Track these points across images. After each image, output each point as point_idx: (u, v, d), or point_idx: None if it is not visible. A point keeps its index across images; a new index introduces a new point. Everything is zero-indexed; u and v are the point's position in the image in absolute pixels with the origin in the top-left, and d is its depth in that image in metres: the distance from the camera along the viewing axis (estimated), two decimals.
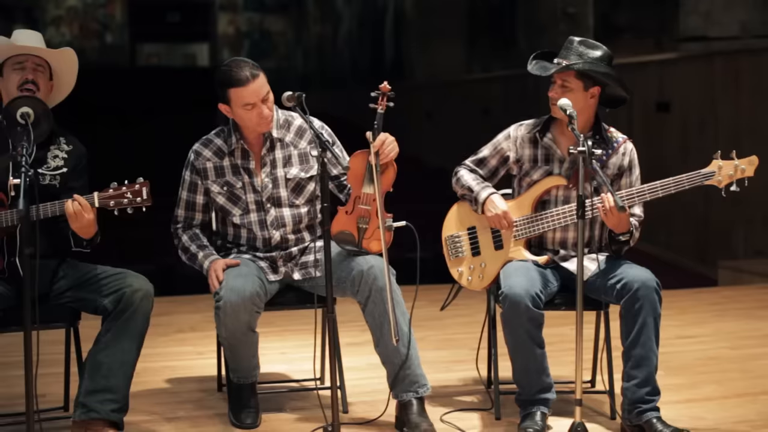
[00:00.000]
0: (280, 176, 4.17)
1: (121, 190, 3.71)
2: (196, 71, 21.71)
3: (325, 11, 19.94)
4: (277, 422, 4.22)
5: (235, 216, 4.17)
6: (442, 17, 15.10)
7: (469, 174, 4.29)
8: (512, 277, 3.97)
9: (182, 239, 4.23)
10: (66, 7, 20.35)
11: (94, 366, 3.81)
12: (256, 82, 4.01)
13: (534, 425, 3.96)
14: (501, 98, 13.08)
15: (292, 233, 4.20)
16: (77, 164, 4.00)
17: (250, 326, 4.01)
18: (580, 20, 11.65)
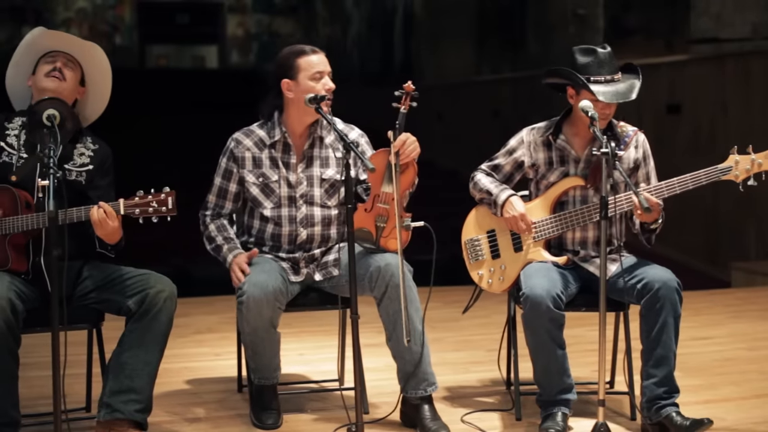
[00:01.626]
0: (315, 175, 4.21)
1: (146, 199, 3.73)
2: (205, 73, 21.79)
3: (334, 13, 19.95)
4: (298, 423, 4.24)
5: (266, 209, 4.19)
6: (452, 18, 15.11)
7: (486, 177, 4.31)
8: (533, 278, 3.99)
9: (209, 228, 4.26)
10: (75, 9, 20.37)
11: (118, 366, 3.83)
12: (324, 57, 4.15)
13: (555, 426, 3.98)
14: (510, 100, 13.10)
15: (319, 233, 4.22)
16: (103, 163, 4.04)
17: (272, 323, 4.04)
18: (590, 22, 11.66)
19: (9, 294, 3.65)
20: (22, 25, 19.66)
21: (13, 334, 3.66)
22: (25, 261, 3.88)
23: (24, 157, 3.90)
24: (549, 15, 12.74)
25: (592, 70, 4.07)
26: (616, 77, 4.07)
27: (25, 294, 3.80)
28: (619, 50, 4.16)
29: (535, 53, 12.90)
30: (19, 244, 3.87)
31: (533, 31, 13.20)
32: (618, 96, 4.02)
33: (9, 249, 3.83)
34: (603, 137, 3.83)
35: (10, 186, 3.84)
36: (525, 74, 12.97)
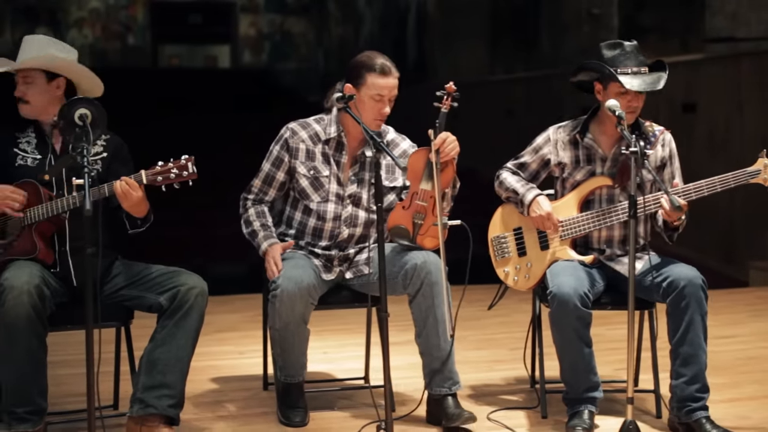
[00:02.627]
0: (365, 179, 4.24)
1: (167, 166, 3.78)
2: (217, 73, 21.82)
3: (346, 12, 19.96)
4: (324, 420, 4.27)
5: (312, 202, 4.22)
6: (465, 18, 15.09)
7: (512, 176, 4.34)
8: (560, 276, 4.01)
9: (249, 211, 4.29)
10: (88, 9, 20.40)
11: (150, 363, 3.86)
12: (394, 80, 4.14)
13: (582, 423, 4.00)
14: (524, 99, 13.09)
15: (359, 234, 4.26)
16: (117, 152, 4.08)
17: (304, 318, 4.07)
18: (604, 21, 11.66)
19: (36, 280, 3.71)
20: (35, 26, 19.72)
21: (41, 319, 3.71)
22: (52, 252, 3.93)
23: (38, 159, 3.95)
24: (563, 14, 12.72)
25: (620, 62, 4.09)
26: (643, 70, 4.09)
27: (53, 286, 3.84)
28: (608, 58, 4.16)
29: (548, 53, 12.90)
30: (45, 234, 3.91)
31: (547, 31, 13.19)
32: (645, 85, 4.03)
33: (36, 237, 3.87)
34: (632, 136, 3.84)
35: (32, 178, 3.89)
36: (539, 74, 12.96)
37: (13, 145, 3.98)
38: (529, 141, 4.42)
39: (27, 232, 3.87)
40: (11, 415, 3.76)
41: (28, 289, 3.66)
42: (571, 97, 11.54)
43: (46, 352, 3.78)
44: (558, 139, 4.28)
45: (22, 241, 3.87)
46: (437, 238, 4.06)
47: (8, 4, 19.37)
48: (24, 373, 3.72)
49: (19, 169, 3.93)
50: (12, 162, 3.95)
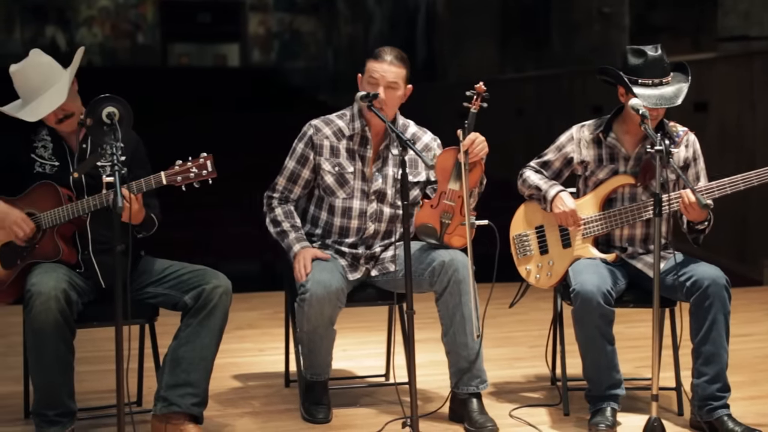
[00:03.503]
0: (389, 174, 4.26)
1: (186, 166, 3.77)
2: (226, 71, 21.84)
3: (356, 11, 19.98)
4: (347, 417, 4.29)
5: (338, 198, 4.24)
6: (475, 17, 15.11)
7: (535, 174, 4.36)
8: (583, 274, 4.03)
9: (276, 211, 4.30)
10: (98, 8, 20.43)
11: (174, 361, 3.89)
12: (390, 66, 4.15)
13: (605, 420, 4.02)
14: (534, 98, 13.10)
15: (385, 230, 4.28)
16: (135, 151, 4.08)
17: (332, 320, 4.09)
18: (615, 20, 11.67)
19: (63, 284, 3.72)
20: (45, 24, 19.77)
21: (68, 324, 3.73)
22: (75, 253, 3.95)
23: (56, 165, 3.96)
24: (573, 13, 12.73)
25: (641, 72, 4.09)
26: (665, 80, 4.09)
27: (80, 287, 3.86)
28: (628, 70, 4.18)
29: (559, 52, 12.91)
30: (67, 236, 3.93)
31: (557, 30, 13.20)
32: (663, 101, 4.03)
33: (58, 239, 3.89)
34: (657, 135, 3.86)
35: (52, 181, 3.91)
36: (549, 72, 12.97)
37: (29, 150, 3.98)
38: (540, 140, 4.45)
39: (48, 235, 3.89)
40: (42, 418, 3.79)
41: (56, 295, 3.67)
42: (582, 96, 11.58)
43: (74, 354, 3.81)
44: (581, 137, 4.30)
45: (44, 245, 3.89)
46: (464, 237, 4.09)
47: (17, 3, 19.41)
48: (53, 377, 3.75)
49: (36, 176, 3.93)
50: (30, 169, 3.95)
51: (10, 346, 5.56)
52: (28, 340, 3.73)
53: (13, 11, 19.26)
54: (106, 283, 3.94)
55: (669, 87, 4.09)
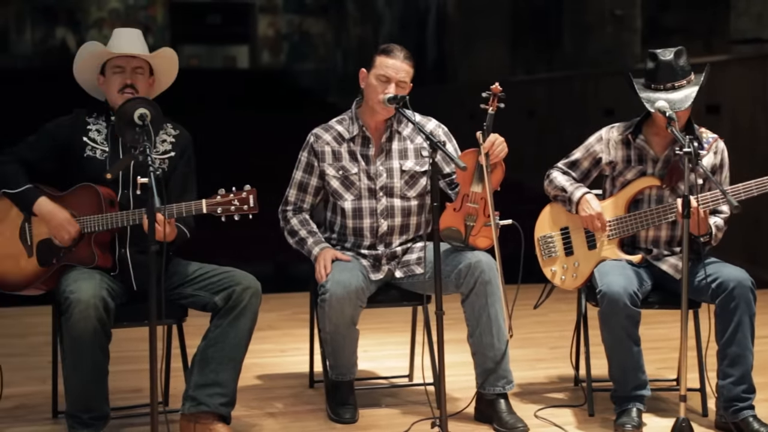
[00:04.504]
0: (395, 167, 4.29)
1: (228, 198, 3.78)
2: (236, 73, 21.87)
3: (365, 13, 20.01)
4: (373, 417, 4.31)
5: (346, 201, 4.26)
6: (485, 18, 15.13)
7: (562, 175, 4.38)
8: (609, 275, 4.05)
9: (291, 222, 4.34)
10: (108, 9, 20.50)
11: (203, 361, 3.91)
12: (402, 63, 4.18)
13: (631, 421, 4.04)
14: (545, 101, 13.12)
15: (399, 224, 4.29)
16: (185, 150, 4.12)
17: (353, 320, 4.11)
18: (627, 22, 11.69)
19: (102, 292, 3.74)
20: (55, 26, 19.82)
21: (105, 331, 3.76)
22: (110, 257, 3.97)
23: (107, 151, 3.99)
24: (585, 15, 12.75)
25: (653, 76, 4.14)
26: (677, 84, 4.11)
27: (114, 290, 3.88)
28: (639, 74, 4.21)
29: (570, 54, 12.93)
30: (104, 242, 3.96)
31: (569, 32, 13.22)
32: (671, 105, 4.04)
33: (94, 246, 3.92)
34: (685, 137, 3.88)
35: (93, 184, 3.93)
36: (560, 74, 12.98)
37: (83, 132, 4.01)
38: (551, 142, 4.49)
39: (85, 241, 3.92)
40: (75, 420, 3.82)
41: (95, 303, 3.69)
42: (594, 99, 11.60)
43: (109, 359, 3.83)
44: (610, 138, 4.32)
45: (80, 250, 3.92)
46: (489, 238, 4.12)
47: (28, 5, 19.46)
48: (89, 382, 3.78)
49: (87, 160, 3.96)
50: (81, 152, 3.97)
51: (32, 346, 5.59)
52: (66, 345, 3.76)
53: (24, 13, 19.32)
54: (138, 286, 3.97)
55: (680, 91, 4.10)
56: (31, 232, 3.99)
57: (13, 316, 6.14)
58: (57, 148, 4.01)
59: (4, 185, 3.98)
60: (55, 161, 4.02)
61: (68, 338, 3.73)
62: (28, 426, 4.21)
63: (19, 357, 5.14)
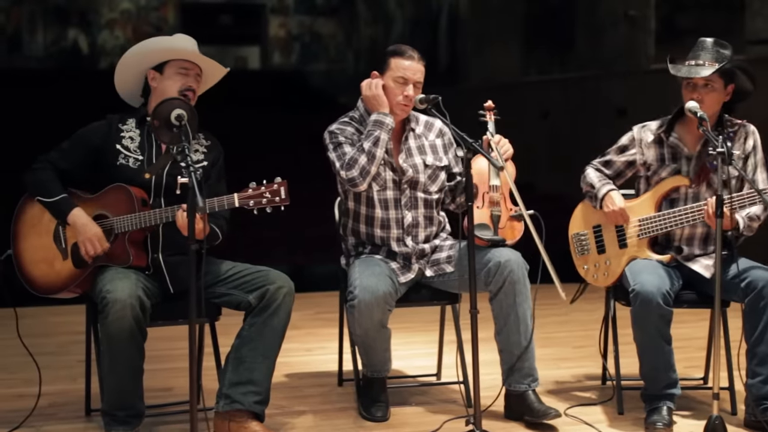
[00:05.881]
0: (418, 162, 4.32)
1: (260, 190, 3.80)
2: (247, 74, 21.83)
3: (376, 13, 20.00)
4: (403, 415, 4.34)
5: (372, 191, 4.28)
6: (498, 19, 15.10)
7: (595, 173, 4.42)
8: (642, 274, 4.07)
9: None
10: (120, 10, 20.47)
11: (237, 359, 3.94)
12: (418, 64, 4.24)
13: (662, 419, 4.06)
14: (559, 101, 13.11)
15: (423, 216, 4.33)
16: (216, 161, 4.14)
17: (382, 323, 4.14)
18: (641, 23, 11.69)
19: (138, 292, 3.77)
20: (67, 27, 19.84)
21: (141, 330, 3.78)
22: (144, 256, 4.00)
23: (139, 160, 4.02)
24: (599, 16, 12.74)
25: (688, 55, 4.20)
26: (701, 62, 4.15)
27: (150, 290, 3.91)
28: (671, 52, 4.25)
29: (584, 54, 12.91)
30: (138, 241, 3.99)
31: (582, 32, 13.21)
32: (688, 71, 4.13)
33: (129, 246, 3.95)
34: (718, 138, 3.90)
35: (125, 185, 3.96)
36: (574, 75, 12.97)
37: (116, 140, 4.04)
38: (565, 143, 4.54)
39: (120, 240, 3.95)
40: (111, 417, 3.85)
41: (131, 303, 3.72)
42: (607, 99, 11.61)
43: (144, 357, 3.86)
44: (643, 138, 4.35)
45: (115, 250, 3.95)
46: (516, 229, 4.22)
47: (39, 6, 19.47)
48: (125, 381, 3.81)
49: (119, 168, 3.99)
50: (114, 160, 4.00)
51: (61, 345, 5.64)
52: (103, 345, 3.79)
53: (36, 14, 19.33)
54: (174, 287, 4.00)
55: (701, 68, 4.14)
56: (66, 235, 4.02)
57: (37, 316, 6.18)
58: (90, 155, 4.04)
59: (39, 193, 4.02)
60: (88, 168, 4.06)
61: (105, 337, 3.76)
62: (63, 424, 4.24)
63: (47, 356, 5.16)
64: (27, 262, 4.07)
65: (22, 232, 4.08)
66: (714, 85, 4.14)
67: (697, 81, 4.13)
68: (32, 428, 4.16)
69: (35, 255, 4.05)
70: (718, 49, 4.15)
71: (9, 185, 4.14)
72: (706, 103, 4.13)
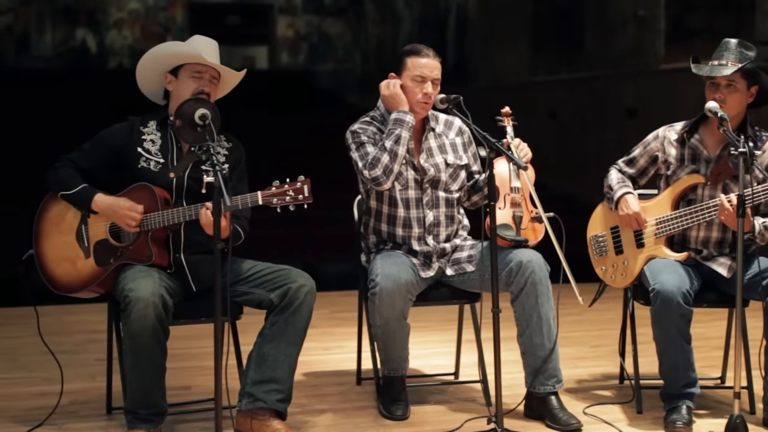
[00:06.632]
0: (440, 162, 4.34)
1: (283, 188, 3.82)
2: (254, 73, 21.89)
3: (384, 13, 20.02)
4: (423, 414, 4.36)
5: (395, 191, 4.30)
6: (507, 18, 15.11)
7: (617, 174, 4.44)
8: (662, 273, 4.08)
9: None
10: (128, 10, 20.51)
11: (260, 357, 3.96)
12: (434, 61, 4.26)
13: (682, 418, 4.07)
14: (568, 102, 13.12)
15: (444, 214, 4.35)
16: (237, 163, 4.17)
17: (403, 314, 4.16)
18: (650, 23, 11.69)
19: (161, 290, 3.79)
20: (75, 27, 19.89)
21: (163, 328, 3.81)
22: (166, 255, 4.03)
23: (161, 163, 4.04)
24: (608, 16, 12.74)
25: (711, 56, 4.22)
26: (724, 63, 4.16)
27: (172, 288, 3.93)
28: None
29: (593, 54, 12.91)
30: (160, 239, 4.01)
31: (591, 32, 13.21)
32: (710, 70, 4.15)
33: (152, 244, 3.97)
34: (739, 138, 3.91)
35: (149, 183, 3.98)
36: (583, 75, 12.97)
37: (138, 142, 4.06)
38: (573, 143, 4.56)
39: (143, 238, 3.97)
40: (134, 415, 3.87)
41: (154, 301, 3.74)
42: (616, 99, 11.61)
43: (166, 356, 3.88)
44: (666, 136, 4.37)
45: (138, 248, 3.97)
46: (537, 230, 4.23)
47: (48, 6, 19.53)
48: (147, 379, 3.83)
49: (141, 171, 4.02)
50: (135, 162, 4.03)
51: (77, 344, 5.66)
52: (125, 343, 3.81)
53: (44, 14, 19.37)
54: (196, 286, 4.02)
55: (723, 67, 4.16)
56: (88, 234, 4.05)
57: (53, 315, 6.20)
58: (112, 157, 4.07)
59: (60, 188, 4.04)
60: (108, 170, 4.08)
61: (128, 336, 3.78)
62: (84, 422, 4.27)
63: (65, 354, 5.18)
64: (49, 261, 4.09)
65: (45, 230, 4.11)
66: (737, 85, 4.15)
67: (719, 81, 4.15)
68: (54, 426, 4.19)
69: (58, 253, 4.08)
70: (742, 50, 4.17)
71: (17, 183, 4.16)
72: (728, 103, 4.14)
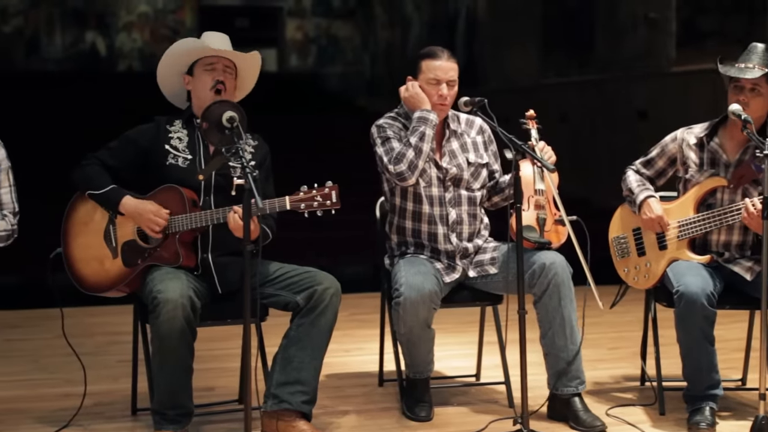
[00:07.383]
0: (462, 161, 4.37)
1: (311, 194, 3.83)
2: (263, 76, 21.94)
3: (393, 16, 20.04)
4: (446, 416, 4.38)
5: (419, 187, 4.31)
6: (516, 21, 15.12)
7: (635, 176, 4.45)
8: (686, 276, 4.10)
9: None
10: (137, 13, 20.55)
11: (285, 359, 3.98)
12: (449, 63, 4.30)
13: (705, 420, 4.09)
14: (578, 104, 13.13)
15: (467, 212, 4.37)
16: (263, 161, 4.19)
17: (427, 322, 4.18)
18: (662, 25, 11.70)
19: (189, 292, 3.81)
20: (85, 29, 19.93)
21: (191, 330, 3.83)
22: (194, 257, 4.05)
23: (189, 159, 4.07)
24: (619, 18, 12.75)
25: (739, 57, 4.23)
26: (751, 65, 4.17)
27: (200, 290, 3.95)
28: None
29: (603, 57, 12.92)
30: (187, 241, 4.03)
31: (602, 35, 13.22)
32: (734, 71, 4.16)
33: (180, 246, 3.99)
34: (765, 141, 3.92)
35: (177, 185, 4.01)
36: (594, 78, 12.97)
37: (165, 140, 4.09)
38: (584, 146, 4.58)
39: (170, 240, 3.99)
40: (162, 416, 3.90)
41: (182, 303, 3.76)
42: (627, 102, 11.62)
43: (194, 357, 3.91)
44: (685, 138, 4.38)
45: (166, 249, 4.00)
46: (561, 233, 4.27)
47: (57, 8, 19.58)
48: (175, 380, 3.86)
49: (169, 168, 4.04)
50: (163, 160, 4.06)
51: (98, 346, 5.69)
52: (153, 344, 3.83)
53: (54, 16, 19.43)
54: (222, 288, 4.05)
55: (749, 71, 4.17)
56: (116, 234, 4.07)
57: (74, 316, 6.20)
58: (139, 157, 4.10)
59: (89, 187, 4.07)
60: (136, 169, 4.12)
61: (156, 337, 3.81)
62: (110, 423, 4.29)
63: (86, 356, 5.20)
64: (77, 260, 4.12)
65: (74, 230, 4.13)
66: (761, 89, 4.17)
67: (744, 84, 4.16)
68: (81, 427, 4.22)
69: (86, 253, 4.10)
70: (759, 50, 4.19)
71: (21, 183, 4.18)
72: (751, 107, 4.16)
